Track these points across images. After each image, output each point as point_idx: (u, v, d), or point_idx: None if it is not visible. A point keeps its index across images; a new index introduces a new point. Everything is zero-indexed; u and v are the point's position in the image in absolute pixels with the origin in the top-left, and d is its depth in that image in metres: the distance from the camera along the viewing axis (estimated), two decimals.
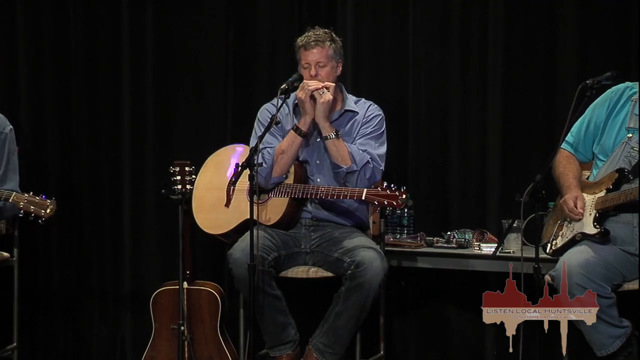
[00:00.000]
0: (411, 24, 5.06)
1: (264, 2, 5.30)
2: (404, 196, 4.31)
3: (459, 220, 4.95)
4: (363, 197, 4.37)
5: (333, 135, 4.50)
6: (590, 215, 4.15)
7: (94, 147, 5.49)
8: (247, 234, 4.27)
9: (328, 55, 4.56)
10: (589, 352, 4.10)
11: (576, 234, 4.16)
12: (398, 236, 4.91)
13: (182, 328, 4.60)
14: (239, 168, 4.26)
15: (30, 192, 4.35)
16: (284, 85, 4.42)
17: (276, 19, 5.27)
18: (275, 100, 4.38)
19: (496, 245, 4.47)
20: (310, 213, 4.62)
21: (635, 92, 4.21)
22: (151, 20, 5.42)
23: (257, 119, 4.67)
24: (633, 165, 4.13)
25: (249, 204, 4.22)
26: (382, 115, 4.65)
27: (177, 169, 4.62)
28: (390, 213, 4.89)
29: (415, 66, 5.06)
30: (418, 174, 5.06)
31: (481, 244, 4.75)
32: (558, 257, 4.14)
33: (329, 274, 4.52)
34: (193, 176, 4.62)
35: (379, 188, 4.35)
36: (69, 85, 5.52)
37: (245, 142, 4.73)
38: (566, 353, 3.77)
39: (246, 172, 4.23)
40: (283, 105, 4.49)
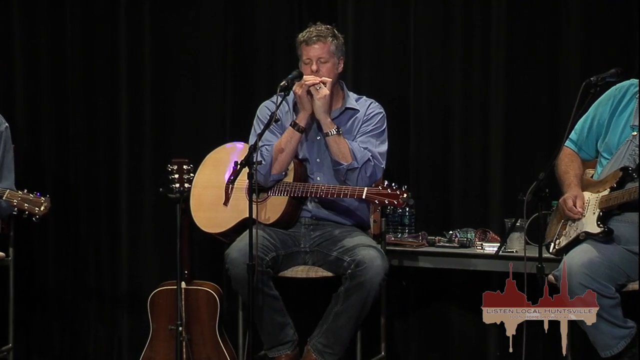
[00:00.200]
0: (412, 23, 5.05)
1: (264, 0, 5.28)
2: (405, 195, 4.30)
3: (461, 219, 4.94)
4: (363, 196, 4.34)
5: (334, 131, 4.46)
6: (594, 214, 4.13)
7: (91, 145, 5.48)
8: (245, 234, 4.25)
9: (330, 51, 4.53)
10: (593, 353, 4.09)
11: (580, 233, 4.15)
12: (399, 235, 4.89)
13: (180, 329, 4.58)
14: (238, 166, 4.23)
15: (24, 190, 4.32)
16: (284, 82, 4.41)
17: (275, 17, 5.26)
18: (274, 97, 4.36)
19: (499, 244, 4.46)
20: (310, 212, 4.59)
21: None
22: (149, 17, 5.41)
23: (257, 117, 4.65)
24: (637, 163, 4.10)
25: (248, 203, 4.18)
26: (383, 113, 4.62)
27: (175, 167, 4.58)
28: (391, 212, 4.87)
29: (416, 65, 5.05)
30: (420, 173, 5.04)
31: (484, 243, 4.74)
32: (561, 257, 4.13)
33: (329, 274, 4.50)
34: (191, 174, 4.59)
35: (380, 187, 4.32)
36: (66, 83, 5.50)
37: (244, 140, 4.70)
38: (569, 353, 3.76)
39: (245, 170, 4.20)
40: (283, 102, 4.46)
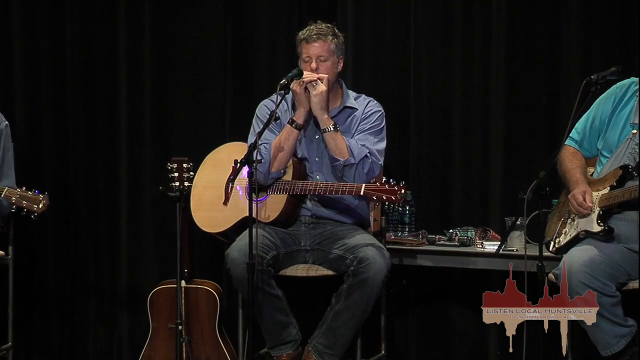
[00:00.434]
0: (413, 22, 5.04)
1: (264, 0, 5.27)
2: (403, 191, 4.28)
3: (462, 217, 4.93)
4: (362, 193, 4.33)
5: (331, 127, 4.46)
6: (594, 212, 4.11)
7: (91, 144, 5.47)
8: (245, 233, 4.25)
9: (330, 49, 4.52)
10: (593, 353, 4.08)
11: (580, 232, 4.14)
12: (399, 234, 4.88)
13: (180, 328, 4.57)
14: (238, 165, 4.22)
15: (23, 187, 4.31)
16: (283, 80, 4.40)
17: (275, 17, 5.26)
18: (274, 96, 4.35)
19: (499, 243, 4.45)
20: (309, 211, 4.58)
21: None
22: (149, 17, 5.40)
23: (256, 115, 4.65)
24: (637, 161, 4.10)
25: (248, 201, 4.17)
26: (382, 111, 4.61)
27: (175, 166, 4.58)
28: (391, 210, 4.86)
29: (416, 65, 5.05)
30: (420, 171, 5.04)
31: (484, 242, 4.73)
32: (561, 255, 4.12)
33: (330, 272, 4.49)
34: (191, 173, 4.59)
35: (378, 183, 4.31)
36: (66, 82, 5.50)
37: (244, 140, 4.69)
38: (569, 353, 3.75)
39: (244, 169, 4.19)
40: (282, 101, 4.44)
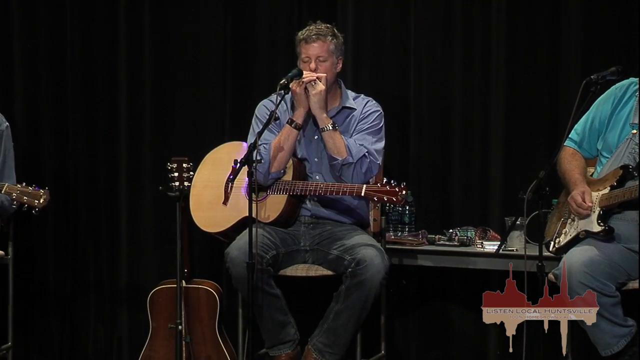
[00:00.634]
0: (412, 23, 5.03)
1: (264, 0, 5.27)
2: (404, 192, 4.27)
3: (461, 217, 4.93)
4: (362, 194, 4.32)
5: (330, 126, 4.46)
6: (594, 212, 4.11)
7: (91, 144, 5.46)
8: (245, 233, 4.24)
9: (329, 50, 4.52)
10: (593, 353, 4.08)
11: (580, 232, 4.14)
12: (399, 234, 4.88)
13: (180, 327, 4.57)
14: (238, 165, 4.22)
15: (23, 183, 4.32)
16: (283, 80, 4.39)
17: (275, 16, 5.25)
18: (273, 96, 4.35)
19: (499, 243, 4.44)
20: (309, 211, 4.58)
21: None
22: (149, 17, 5.39)
23: (255, 116, 4.64)
24: (638, 161, 4.09)
25: (248, 201, 4.17)
26: (381, 111, 4.61)
27: (175, 166, 4.58)
28: (391, 210, 4.85)
29: (416, 65, 5.04)
30: (420, 171, 5.04)
31: (484, 242, 4.73)
32: (561, 255, 4.12)
33: (329, 272, 4.49)
34: (191, 172, 4.59)
35: (379, 184, 4.30)
36: (66, 81, 5.49)
37: (243, 140, 4.69)
38: (569, 353, 3.75)
39: (244, 169, 4.19)
40: (281, 101, 4.44)
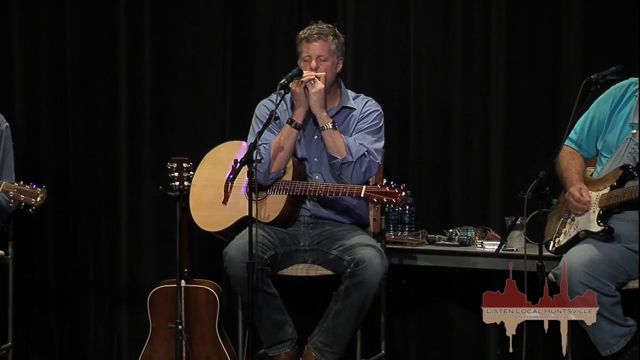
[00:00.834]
0: (413, 22, 5.03)
1: (264, 0, 5.27)
2: (404, 193, 4.27)
3: (461, 217, 4.93)
4: (362, 195, 4.32)
5: (329, 125, 4.46)
6: (594, 212, 4.11)
7: (91, 143, 5.47)
8: (244, 232, 4.24)
9: (330, 49, 4.52)
10: (593, 353, 4.08)
11: (580, 232, 4.14)
12: (399, 234, 4.88)
13: (180, 327, 4.57)
14: (238, 165, 4.22)
15: (20, 181, 4.32)
16: (283, 80, 4.39)
17: (275, 16, 5.25)
18: (273, 96, 4.35)
19: (499, 242, 4.44)
20: (309, 211, 4.58)
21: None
22: (149, 17, 5.39)
23: (255, 115, 4.64)
24: (637, 161, 4.09)
25: (247, 201, 4.17)
26: (380, 111, 4.60)
27: (175, 165, 4.58)
28: (391, 210, 4.86)
29: (416, 65, 5.04)
30: (420, 171, 5.04)
31: (484, 242, 4.73)
32: (561, 255, 4.12)
33: (329, 272, 4.49)
34: (191, 172, 4.59)
35: (378, 185, 4.30)
36: (66, 83, 5.49)
37: (243, 139, 4.68)
38: (569, 353, 3.75)
39: (244, 169, 4.18)
40: (281, 101, 4.43)
